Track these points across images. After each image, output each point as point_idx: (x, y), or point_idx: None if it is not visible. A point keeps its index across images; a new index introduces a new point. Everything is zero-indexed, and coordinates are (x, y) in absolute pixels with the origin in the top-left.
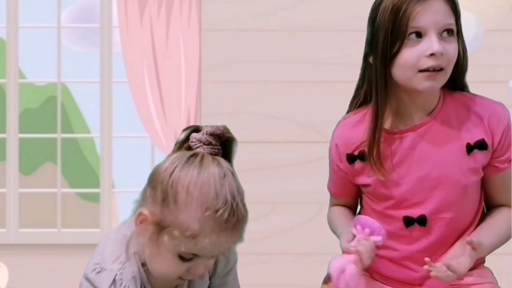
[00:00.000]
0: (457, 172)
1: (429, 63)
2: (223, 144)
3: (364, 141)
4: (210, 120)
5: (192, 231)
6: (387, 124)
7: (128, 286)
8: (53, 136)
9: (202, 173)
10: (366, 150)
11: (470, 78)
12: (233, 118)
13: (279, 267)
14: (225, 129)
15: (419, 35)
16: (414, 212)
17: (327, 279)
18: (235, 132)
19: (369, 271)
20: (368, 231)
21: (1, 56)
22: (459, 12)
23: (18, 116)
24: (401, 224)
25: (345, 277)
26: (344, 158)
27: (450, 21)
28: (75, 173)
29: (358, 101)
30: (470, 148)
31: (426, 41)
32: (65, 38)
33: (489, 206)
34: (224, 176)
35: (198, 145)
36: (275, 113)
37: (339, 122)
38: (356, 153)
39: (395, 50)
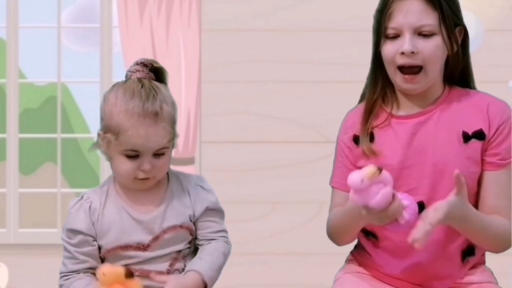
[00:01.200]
0: (454, 160)
1: (402, 60)
2: (154, 73)
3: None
4: (210, 120)
5: (118, 129)
6: (389, 108)
7: (92, 201)
8: (53, 136)
9: (123, 86)
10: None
11: None
12: (233, 118)
13: (279, 267)
14: (153, 61)
15: (396, 35)
16: (414, 199)
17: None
18: (235, 132)
19: (368, 268)
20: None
21: (1, 56)
22: (445, 6)
23: (18, 116)
24: None
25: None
26: (351, 139)
27: (427, 22)
28: (75, 173)
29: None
30: (467, 137)
31: (400, 40)
32: (65, 38)
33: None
34: (142, 86)
35: (130, 74)
36: (275, 113)
37: (350, 111)
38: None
39: (378, 44)
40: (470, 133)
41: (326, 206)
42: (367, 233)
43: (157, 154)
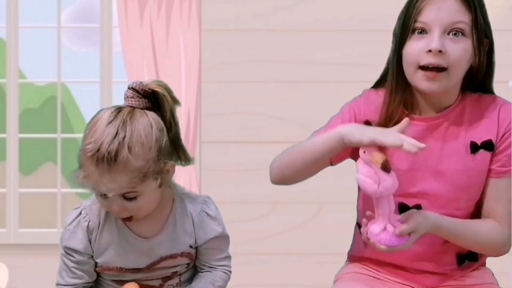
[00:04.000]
0: (459, 170)
1: (427, 59)
2: (149, 97)
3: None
4: (210, 120)
5: (80, 164)
6: (408, 110)
7: (90, 219)
8: (53, 136)
9: (95, 119)
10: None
11: None
12: (233, 118)
13: (279, 267)
14: (149, 83)
15: (423, 31)
16: (410, 201)
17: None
18: (235, 132)
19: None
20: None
21: (1, 56)
22: (478, 11)
23: (18, 116)
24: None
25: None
26: (362, 122)
27: (460, 20)
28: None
29: (381, 82)
30: (475, 147)
31: (428, 37)
32: (65, 38)
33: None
34: (111, 121)
35: (124, 98)
36: (275, 113)
37: (364, 91)
38: (373, 124)
39: (401, 42)
40: (479, 143)
41: (326, 206)
42: None
43: (128, 198)
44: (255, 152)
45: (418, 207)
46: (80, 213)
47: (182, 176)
